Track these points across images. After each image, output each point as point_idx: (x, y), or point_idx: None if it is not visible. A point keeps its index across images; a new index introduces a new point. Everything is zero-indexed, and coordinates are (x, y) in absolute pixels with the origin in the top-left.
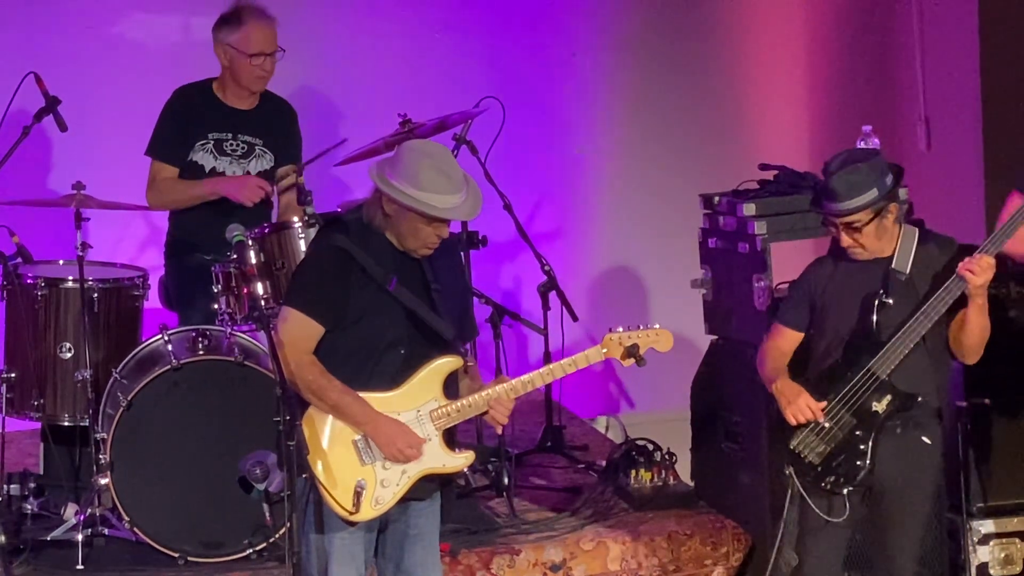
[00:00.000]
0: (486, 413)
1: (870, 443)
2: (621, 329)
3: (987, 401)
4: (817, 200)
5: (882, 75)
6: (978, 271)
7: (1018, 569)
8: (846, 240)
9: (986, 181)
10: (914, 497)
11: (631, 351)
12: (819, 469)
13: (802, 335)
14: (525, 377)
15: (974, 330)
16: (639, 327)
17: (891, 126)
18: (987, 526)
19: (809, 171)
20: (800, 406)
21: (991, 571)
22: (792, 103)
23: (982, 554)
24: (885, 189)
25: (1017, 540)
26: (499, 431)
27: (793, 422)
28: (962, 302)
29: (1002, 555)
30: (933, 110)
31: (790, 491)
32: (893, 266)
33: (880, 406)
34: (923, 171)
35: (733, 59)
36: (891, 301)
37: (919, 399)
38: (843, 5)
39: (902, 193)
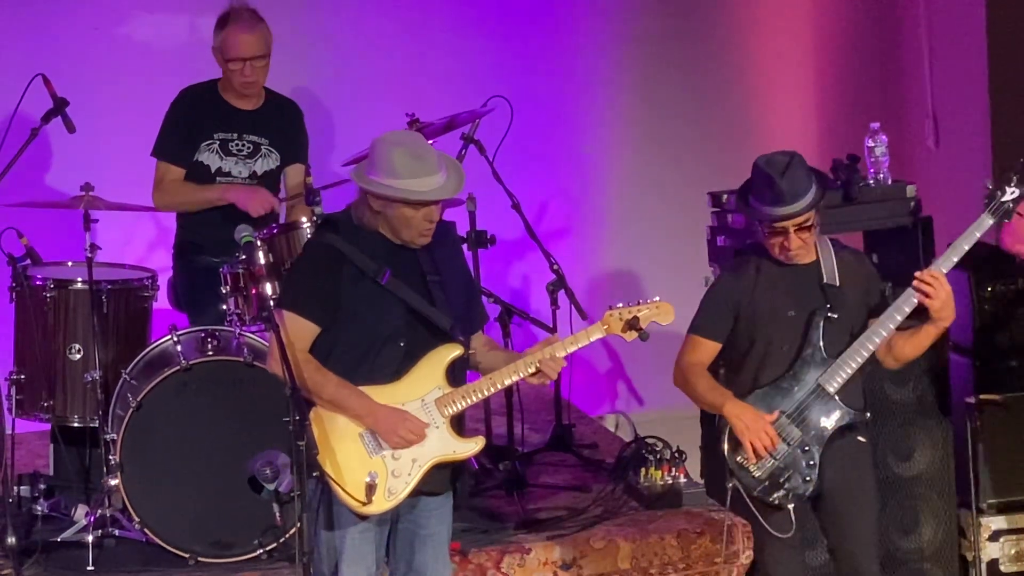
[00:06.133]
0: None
1: (818, 458)
2: (621, 304)
3: (998, 397)
4: (759, 207)
5: (890, 72)
6: (931, 291)
7: None
8: (795, 242)
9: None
10: (860, 498)
11: (632, 324)
12: (766, 483)
13: (720, 346)
14: (528, 359)
15: (924, 348)
16: (639, 301)
17: (899, 123)
18: (998, 522)
19: (817, 168)
20: (759, 433)
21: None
22: (800, 100)
23: (992, 550)
24: (820, 184)
25: None
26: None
27: (752, 453)
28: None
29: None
30: (941, 107)
31: (728, 504)
32: (825, 280)
33: (829, 422)
34: (931, 168)
35: (741, 57)
36: (837, 316)
37: (867, 414)
38: (851, 3)
39: (910, 190)
